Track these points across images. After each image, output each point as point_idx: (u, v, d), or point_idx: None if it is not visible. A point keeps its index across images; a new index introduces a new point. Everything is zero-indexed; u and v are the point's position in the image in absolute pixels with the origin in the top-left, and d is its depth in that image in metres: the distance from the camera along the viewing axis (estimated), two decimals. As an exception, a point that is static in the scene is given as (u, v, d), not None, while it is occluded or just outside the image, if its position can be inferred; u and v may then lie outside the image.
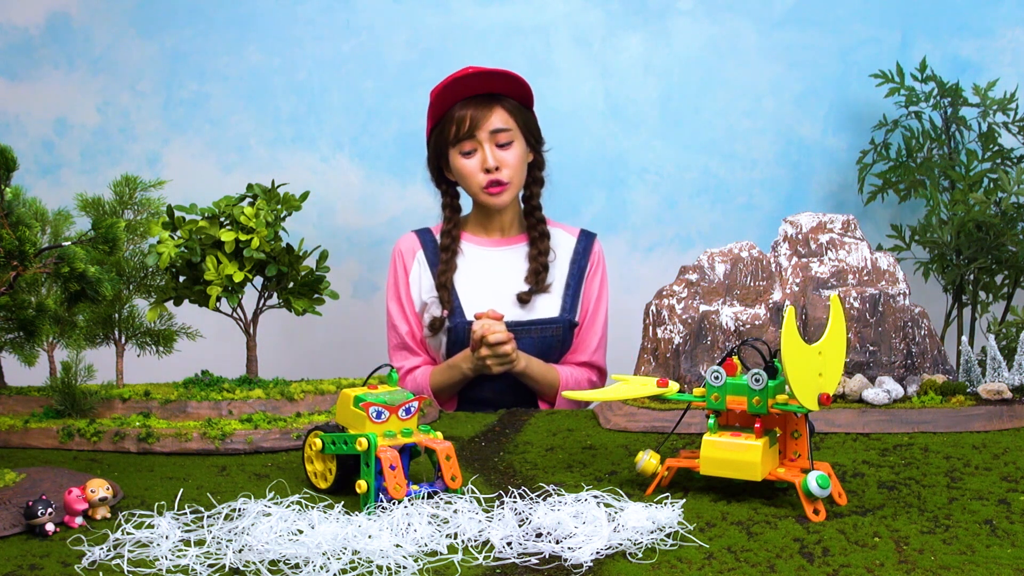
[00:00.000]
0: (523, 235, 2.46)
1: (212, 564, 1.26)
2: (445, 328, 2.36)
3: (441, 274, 2.39)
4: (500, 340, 2.21)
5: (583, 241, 2.47)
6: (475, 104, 2.32)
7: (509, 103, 2.35)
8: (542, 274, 2.38)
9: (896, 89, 2.86)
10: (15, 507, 1.41)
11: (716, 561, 1.26)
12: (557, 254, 2.43)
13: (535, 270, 2.38)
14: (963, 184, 2.72)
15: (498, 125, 2.32)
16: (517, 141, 2.35)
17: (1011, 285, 2.81)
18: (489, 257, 2.43)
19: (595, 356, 2.42)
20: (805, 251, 1.99)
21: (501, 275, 2.40)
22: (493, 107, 2.33)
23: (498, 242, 2.45)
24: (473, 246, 2.44)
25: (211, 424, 1.82)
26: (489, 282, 2.39)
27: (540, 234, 2.42)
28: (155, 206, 1.92)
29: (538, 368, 2.32)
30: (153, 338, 1.98)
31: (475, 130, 2.32)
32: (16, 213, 1.47)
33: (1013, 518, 1.38)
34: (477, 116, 2.31)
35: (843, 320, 1.45)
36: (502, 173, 2.34)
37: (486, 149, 2.32)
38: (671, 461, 1.53)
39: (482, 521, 1.35)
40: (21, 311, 1.57)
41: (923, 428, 1.80)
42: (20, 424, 1.87)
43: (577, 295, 2.41)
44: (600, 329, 2.44)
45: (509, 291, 2.38)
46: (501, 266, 2.42)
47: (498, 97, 2.34)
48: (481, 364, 2.25)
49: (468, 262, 2.43)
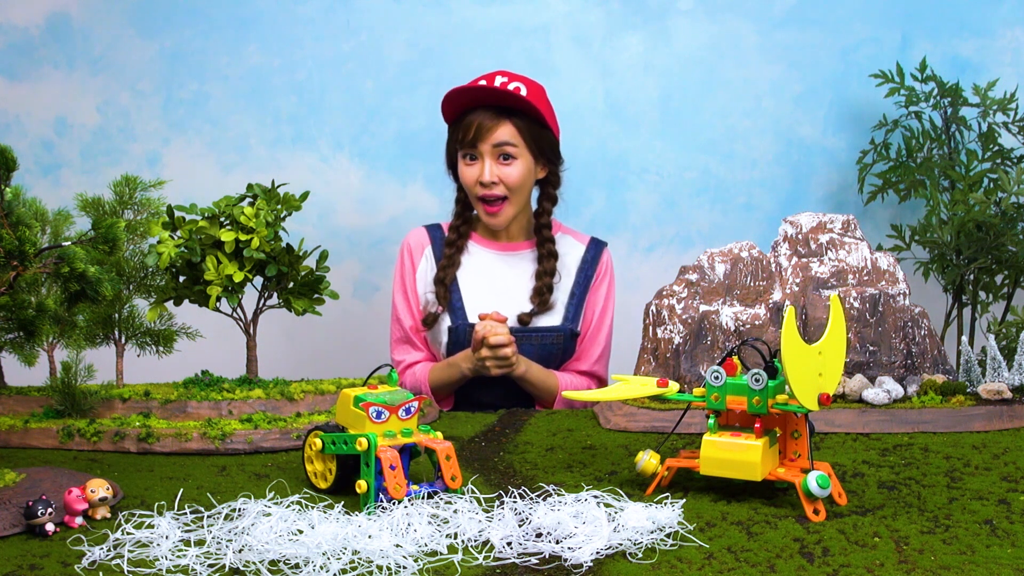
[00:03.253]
0: (529, 242, 2.45)
1: (212, 564, 1.26)
2: (445, 327, 2.36)
3: (441, 269, 2.38)
4: (501, 343, 2.20)
5: (592, 250, 2.45)
6: (484, 114, 2.30)
7: (521, 118, 2.31)
8: (546, 295, 2.35)
9: (896, 89, 2.86)
10: (15, 507, 1.41)
11: (716, 561, 1.26)
12: (565, 266, 2.42)
13: (539, 290, 2.36)
14: (963, 184, 2.72)
15: (502, 139, 2.30)
16: (522, 158, 2.32)
17: (1011, 285, 2.81)
18: (494, 261, 2.42)
19: (596, 366, 2.41)
20: (805, 251, 1.99)
21: (505, 281, 2.40)
22: (502, 121, 2.30)
23: (504, 247, 2.44)
24: (480, 247, 2.44)
25: (211, 424, 1.82)
26: (492, 286, 2.39)
27: (548, 252, 2.38)
28: (155, 206, 1.92)
29: (537, 373, 2.32)
30: (153, 338, 1.98)
31: (478, 141, 2.30)
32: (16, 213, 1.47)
33: (1013, 518, 1.38)
34: (483, 128, 2.29)
35: (843, 320, 1.45)
36: (498, 188, 2.32)
37: (486, 162, 2.31)
38: (671, 461, 1.53)
39: (482, 521, 1.35)
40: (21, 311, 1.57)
41: (923, 428, 1.80)
42: (20, 424, 1.87)
43: (581, 305, 2.40)
44: (603, 340, 2.42)
45: (511, 297, 2.37)
46: (505, 272, 2.41)
47: (510, 111, 2.31)
48: (481, 365, 2.24)
49: (474, 262, 2.42)
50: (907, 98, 2.83)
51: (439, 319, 2.37)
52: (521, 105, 2.30)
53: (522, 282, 2.40)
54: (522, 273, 2.41)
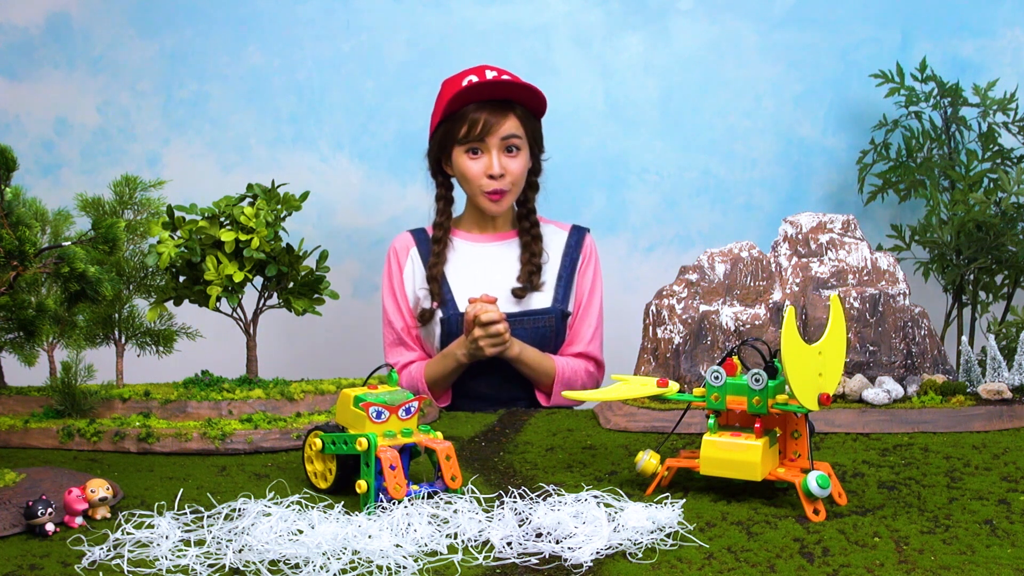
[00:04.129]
0: (513, 231, 2.48)
1: (212, 564, 1.26)
2: (438, 320, 2.37)
3: (432, 266, 2.41)
4: (493, 319, 2.20)
5: (575, 235, 2.48)
6: (490, 108, 2.32)
7: (522, 111, 2.36)
8: (535, 275, 2.39)
9: (896, 89, 2.86)
10: (15, 507, 1.41)
11: (716, 561, 1.26)
12: (549, 251, 2.45)
13: (529, 271, 2.39)
14: (963, 184, 2.72)
15: (510, 132, 2.33)
16: (524, 150, 2.37)
17: (1011, 285, 2.81)
18: (481, 252, 2.45)
19: (590, 347, 2.42)
20: (805, 251, 1.99)
21: (493, 268, 2.42)
22: (507, 114, 2.33)
23: (491, 237, 2.46)
24: (465, 242, 2.46)
25: (211, 424, 1.82)
26: (482, 275, 2.41)
27: (533, 237, 2.43)
28: (155, 206, 1.92)
29: (532, 355, 2.32)
30: (153, 338, 1.98)
31: (486, 135, 2.32)
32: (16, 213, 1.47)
33: (1013, 518, 1.38)
34: (491, 121, 2.31)
35: (843, 320, 1.45)
36: (504, 181, 2.35)
37: (493, 155, 2.33)
38: (671, 461, 1.53)
39: (482, 521, 1.35)
40: (21, 311, 1.57)
41: (923, 428, 1.80)
42: (20, 424, 1.87)
43: (570, 286, 2.43)
44: (594, 320, 2.44)
45: (502, 284, 2.39)
46: (493, 260, 2.43)
47: (512, 104, 2.35)
48: (475, 347, 2.24)
49: (460, 256, 2.45)
50: (907, 98, 2.83)
51: (434, 314, 2.38)
52: (528, 95, 2.33)
53: (509, 267, 2.42)
54: (508, 258, 2.44)
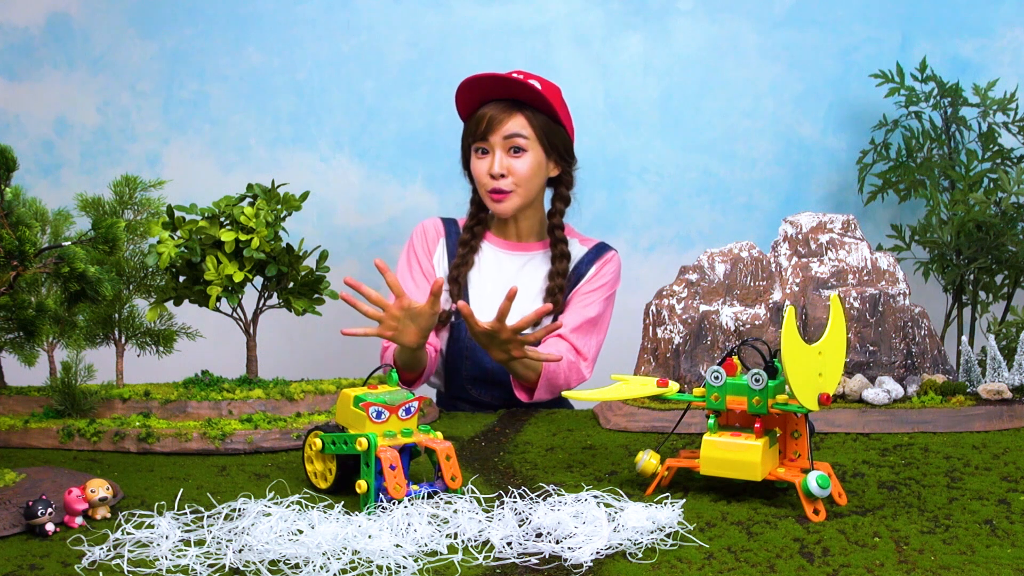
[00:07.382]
0: (541, 243, 2.43)
1: (212, 564, 1.26)
2: (448, 325, 2.36)
3: (455, 268, 2.37)
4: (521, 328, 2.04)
5: (592, 253, 2.40)
6: (496, 107, 2.29)
7: (532, 112, 2.30)
8: (558, 295, 2.32)
9: (896, 89, 2.86)
10: (15, 507, 1.41)
11: (716, 561, 1.26)
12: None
13: (551, 290, 2.33)
14: (963, 184, 2.72)
15: (513, 131, 2.28)
16: (532, 151, 2.30)
17: (1011, 285, 2.81)
18: (503, 261, 2.41)
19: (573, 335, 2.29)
20: (805, 251, 1.99)
21: (515, 281, 2.36)
22: (513, 113, 2.29)
23: (514, 246, 2.42)
24: (492, 247, 2.43)
25: (211, 424, 1.82)
26: (502, 286, 2.34)
27: (561, 253, 2.36)
28: (155, 206, 1.92)
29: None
30: (153, 338, 1.98)
31: (489, 133, 2.29)
32: (16, 213, 1.47)
33: (1013, 518, 1.38)
34: (495, 119, 2.28)
35: (843, 320, 1.45)
36: (506, 181, 2.30)
37: (496, 154, 2.30)
38: (671, 461, 1.53)
39: (482, 521, 1.35)
40: (21, 311, 1.57)
41: (923, 428, 1.80)
42: (20, 424, 1.87)
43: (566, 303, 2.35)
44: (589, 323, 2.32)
45: (521, 297, 2.30)
46: (516, 272, 2.39)
47: (521, 104, 2.30)
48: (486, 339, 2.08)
49: (485, 262, 2.41)
50: (907, 98, 2.83)
51: (450, 317, 2.36)
52: (533, 97, 2.28)
53: (532, 282, 2.38)
54: (533, 273, 2.40)
